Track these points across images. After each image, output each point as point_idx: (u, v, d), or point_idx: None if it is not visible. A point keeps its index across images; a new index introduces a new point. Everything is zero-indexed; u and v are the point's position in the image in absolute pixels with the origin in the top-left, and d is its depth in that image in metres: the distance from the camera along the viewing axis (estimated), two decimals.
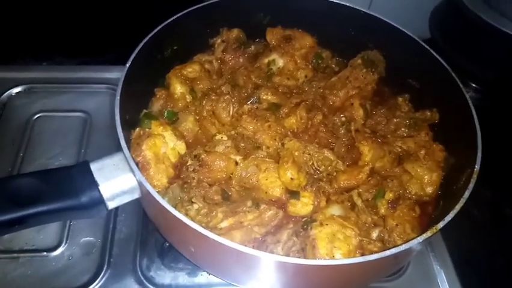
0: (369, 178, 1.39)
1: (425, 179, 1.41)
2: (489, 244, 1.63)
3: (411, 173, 1.42)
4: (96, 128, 1.78)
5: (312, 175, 1.38)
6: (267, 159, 1.37)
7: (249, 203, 1.28)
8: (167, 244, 1.46)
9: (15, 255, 1.43)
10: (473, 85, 2.26)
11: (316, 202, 1.31)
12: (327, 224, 1.21)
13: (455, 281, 1.48)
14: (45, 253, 1.45)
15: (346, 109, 1.60)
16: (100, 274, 1.41)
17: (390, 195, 1.34)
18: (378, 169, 1.45)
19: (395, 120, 1.56)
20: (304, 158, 1.38)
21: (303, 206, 1.33)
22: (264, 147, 1.43)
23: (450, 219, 1.14)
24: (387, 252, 1.06)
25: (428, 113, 1.57)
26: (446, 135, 1.52)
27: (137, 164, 1.27)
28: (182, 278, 1.42)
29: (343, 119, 1.55)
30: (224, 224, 1.22)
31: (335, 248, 1.17)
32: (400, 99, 1.65)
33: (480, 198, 1.22)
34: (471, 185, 1.20)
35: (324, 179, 1.39)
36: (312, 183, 1.36)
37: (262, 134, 1.44)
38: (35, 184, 1.12)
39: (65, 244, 1.47)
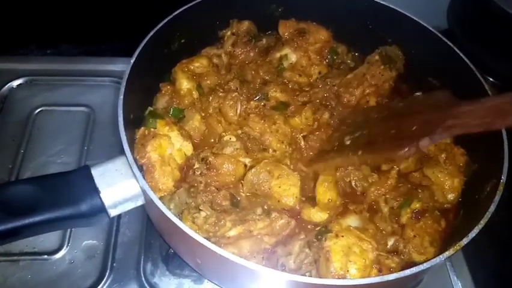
0: (400, 184, 1.31)
1: (446, 185, 1.33)
2: (510, 253, 1.55)
3: (431, 179, 1.34)
4: (99, 123, 1.72)
5: (346, 193, 1.32)
6: (282, 165, 1.29)
7: (259, 211, 1.22)
8: (172, 250, 1.39)
9: (15, 258, 1.38)
10: (491, 80, 2.15)
11: (333, 213, 1.24)
12: (342, 236, 1.14)
13: None
14: (46, 256, 1.40)
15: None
16: (103, 279, 1.36)
17: (417, 205, 1.26)
18: (403, 171, 1.36)
19: None
20: (342, 174, 1.32)
21: (319, 212, 1.26)
22: (270, 149, 1.36)
23: (474, 235, 1.06)
24: (407, 272, 1.00)
25: None
26: (468, 138, 1.42)
27: (141, 167, 1.22)
28: (188, 285, 1.36)
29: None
30: (232, 232, 1.15)
31: (350, 262, 1.10)
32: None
33: (500, 202, 1.14)
34: (497, 198, 1.12)
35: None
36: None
37: (270, 136, 1.36)
38: (31, 192, 1.05)
39: (66, 247, 1.42)
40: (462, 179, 1.35)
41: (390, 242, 1.24)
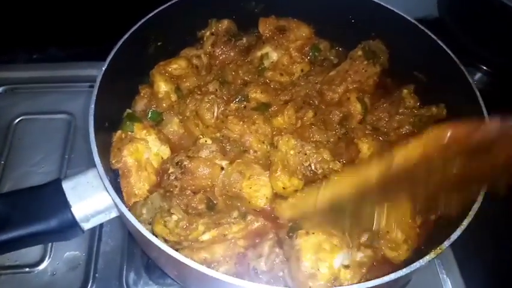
0: None
1: None
2: (500, 249, 1.51)
3: None
4: (80, 130, 1.69)
5: (307, 177, 1.27)
6: (253, 164, 1.26)
7: (235, 214, 1.18)
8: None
9: None
10: (484, 68, 2.10)
11: None
12: (313, 233, 1.10)
13: None
14: (28, 269, 1.38)
15: (343, 104, 1.48)
16: None
17: None
18: None
19: (397, 118, 1.44)
20: (300, 159, 1.27)
21: (290, 208, 1.22)
22: (251, 150, 1.32)
23: (456, 237, 1.03)
24: (386, 278, 0.97)
25: (435, 109, 1.44)
26: None
27: (117, 171, 1.19)
28: None
29: (340, 115, 1.43)
30: (206, 236, 1.13)
31: (320, 261, 1.07)
32: (405, 91, 1.51)
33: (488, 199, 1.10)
34: (480, 198, 1.08)
35: (318, 181, 1.27)
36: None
37: (249, 137, 1.33)
38: (1, 208, 1.03)
39: (48, 259, 1.40)
40: None
41: (364, 238, 1.19)
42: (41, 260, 1.39)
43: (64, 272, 1.38)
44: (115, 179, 1.24)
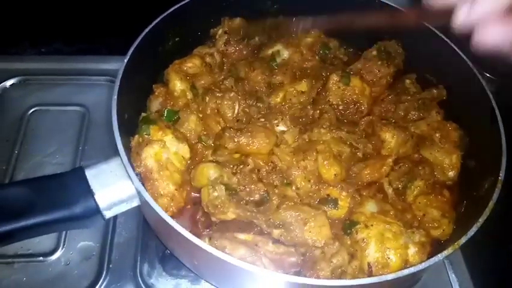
0: (400, 164, 1.31)
1: (445, 163, 1.36)
2: (509, 248, 1.53)
3: (429, 160, 1.36)
4: (94, 123, 1.70)
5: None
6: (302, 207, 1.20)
7: (277, 234, 1.15)
8: (168, 250, 1.38)
9: (9, 260, 1.36)
10: (487, 75, 2.13)
11: (352, 204, 1.23)
12: (372, 225, 1.15)
13: None
14: (41, 258, 1.38)
15: None
16: (99, 281, 1.34)
17: (420, 183, 1.28)
18: (401, 155, 1.37)
19: (402, 106, 1.47)
20: (340, 148, 1.29)
21: (339, 209, 1.24)
22: (294, 186, 1.25)
23: (473, 233, 1.06)
24: (405, 271, 0.99)
25: (435, 91, 1.50)
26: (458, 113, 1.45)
27: (139, 174, 1.20)
28: (185, 285, 1.35)
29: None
30: (241, 236, 1.14)
31: (389, 249, 1.12)
32: (407, 81, 1.55)
33: (498, 199, 1.13)
34: (495, 195, 1.11)
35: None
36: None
37: (296, 171, 1.26)
38: (24, 194, 1.03)
39: (62, 248, 1.40)
40: (459, 154, 1.38)
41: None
42: (55, 250, 1.39)
43: (77, 262, 1.38)
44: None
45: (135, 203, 1.14)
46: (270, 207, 1.19)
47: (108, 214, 1.12)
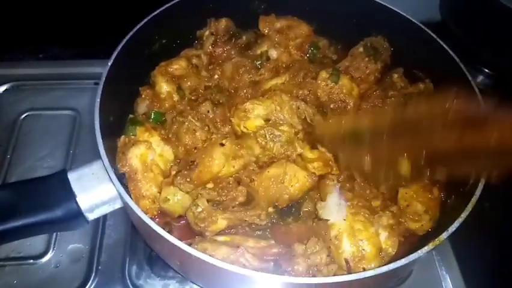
0: None
1: None
2: (500, 245, 1.52)
3: None
4: (85, 126, 1.71)
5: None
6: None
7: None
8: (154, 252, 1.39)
9: (1, 263, 1.38)
10: (486, 70, 2.12)
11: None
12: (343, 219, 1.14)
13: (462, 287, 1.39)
14: (31, 261, 1.40)
15: None
16: (88, 283, 1.35)
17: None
18: None
19: (388, 101, 1.45)
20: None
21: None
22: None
23: (454, 229, 1.05)
24: (384, 268, 0.98)
25: (422, 85, 1.48)
26: None
27: (123, 174, 1.21)
28: (173, 287, 1.36)
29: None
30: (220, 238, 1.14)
31: (361, 240, 1.11)
32: (395, 75, 1.53)
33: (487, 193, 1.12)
34: (478, 191, 1.10)
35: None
36: None
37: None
38: (8, 197, 1.06)
39: (52, 251, 1.42)
40: None
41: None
42: (45, 252, 1.41)
43: (67, 264, 1.39)
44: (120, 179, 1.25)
45: (117, 204, 1.15)
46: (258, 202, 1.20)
47: (91, 216, 1.13)
